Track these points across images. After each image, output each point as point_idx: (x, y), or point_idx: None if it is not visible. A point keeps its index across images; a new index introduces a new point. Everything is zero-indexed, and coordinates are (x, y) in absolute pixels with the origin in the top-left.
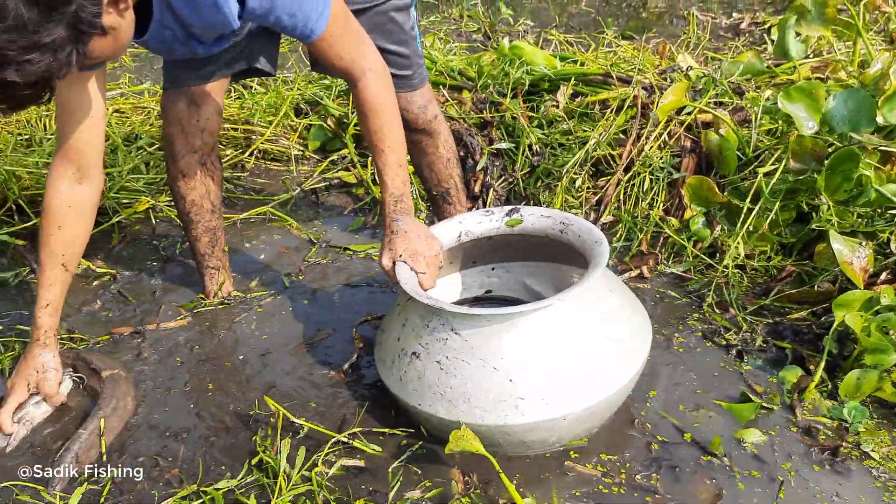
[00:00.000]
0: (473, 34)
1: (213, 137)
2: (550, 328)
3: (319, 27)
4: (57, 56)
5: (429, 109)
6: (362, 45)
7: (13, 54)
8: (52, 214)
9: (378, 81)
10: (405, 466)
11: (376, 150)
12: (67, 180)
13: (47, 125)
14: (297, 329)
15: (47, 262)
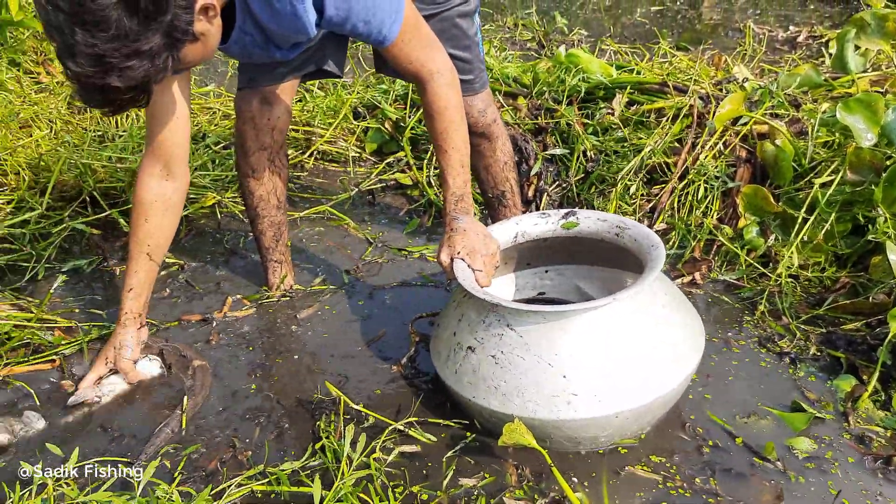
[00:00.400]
0: (527, 43)
1: (283, 136)
2: (606, 327)
3: (393, 33)
4: (154, 62)
5: (488, 113)
6: (432, 48)
7: (116, 61)
8: (139, 207)
9: (446, 84)
10: (459, 456)
11: (440, 150)
12: (155, 177)
13: (119, 122)
14: (356, 323)
15: (134, 251)
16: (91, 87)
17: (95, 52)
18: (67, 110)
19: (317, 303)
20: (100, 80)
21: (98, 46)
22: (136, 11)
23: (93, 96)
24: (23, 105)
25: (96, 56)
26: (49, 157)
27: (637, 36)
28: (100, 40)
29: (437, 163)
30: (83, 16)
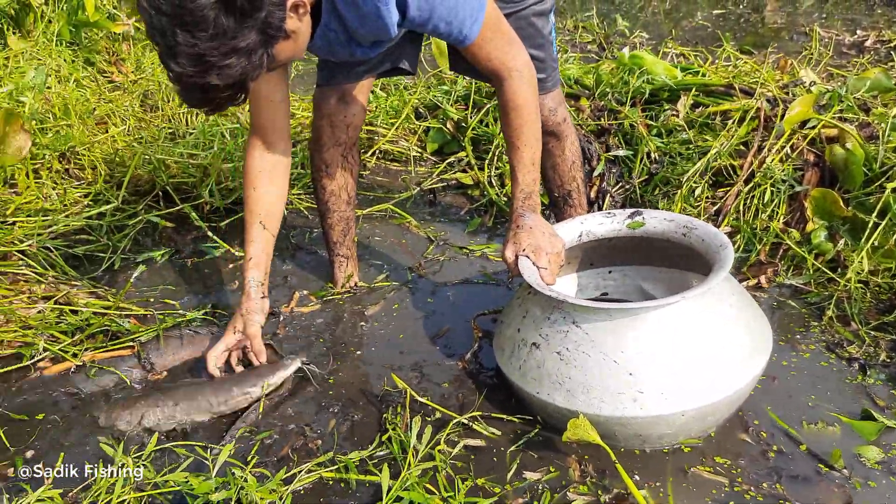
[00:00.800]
0: (588, 45)
1: (357, 132)
2: (674, 326)
3: (473, 33)
4: (251, 59)
5: (558, 112)
6: (512, 46)
7: (215, 59)
8: (247, 178)
9: (523, 82)
10: (522, 451)
11: (513, 146)
12: (258, 149)
13: (189, 121)
14: (420, 320)
15: (248, 221)
16: (192, 86)
17: (196, 52)
18: (140, 108)
19: (382, 299)
20: (200, 79)
21: (198, 46)
22: (232, 10)
23: (194, 95)
24: (98, 102)
25: (197, 55)
26: (124, 152)
27: (698, 39)
28: (200, 40)
29: (508, 159)
30: (184, 17)
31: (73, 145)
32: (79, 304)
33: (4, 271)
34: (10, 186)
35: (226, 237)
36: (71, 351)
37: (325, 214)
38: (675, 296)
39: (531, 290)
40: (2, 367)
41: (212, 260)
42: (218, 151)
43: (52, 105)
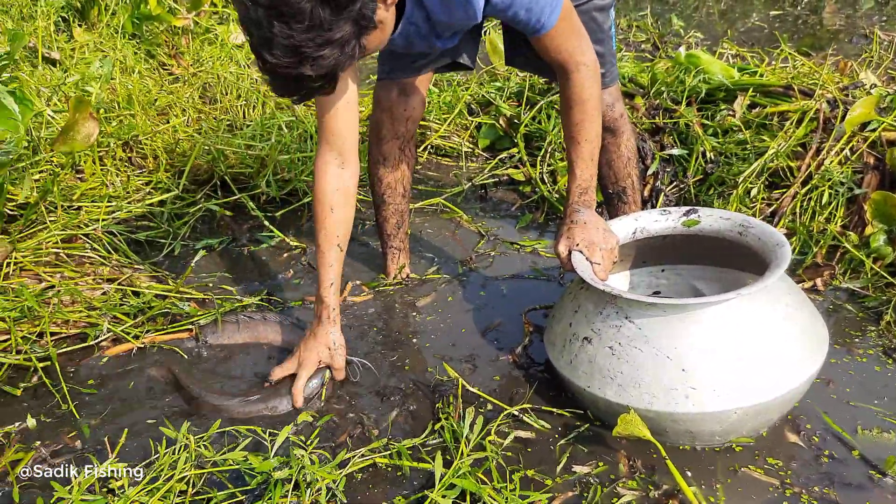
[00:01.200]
0: (642, 44)
1: (415, 126)
2: (728, 323)
3: (551, 22)
4: (344, 50)
5: (616, 108)
6: (581, 40)
7: (310, 51)
8: (324, 198)
9: (589, 76)
10: (572, 444)
11: (573, 141)
12: (333, 166)
13: (246, 113)
14: (470, 313)
15: (325, 244)
16: (285, 77)
17: (292, 44)
18: (200, 100)
19: (433, 292)
20: (294, 69)
21: (294, 37)
22: (329, 2)
23: (285, 85)
24: (160, 94)
25: (292, 47)
26: (185, 142)
27: (754, 40)
28: (296, 31)
29: (566, 153)
30: (281, 8)
31: (137, 134)
32: (141, 287)
33: (71, 254)
34: (76, 172)
35: (281, 227)
36: (133, 332)
37: (380, 207)
38: (730, 293)
39: (584, 285)
40: (68, 346)
41: (267, 248)
42: (275, 143)
43: (116, 95)
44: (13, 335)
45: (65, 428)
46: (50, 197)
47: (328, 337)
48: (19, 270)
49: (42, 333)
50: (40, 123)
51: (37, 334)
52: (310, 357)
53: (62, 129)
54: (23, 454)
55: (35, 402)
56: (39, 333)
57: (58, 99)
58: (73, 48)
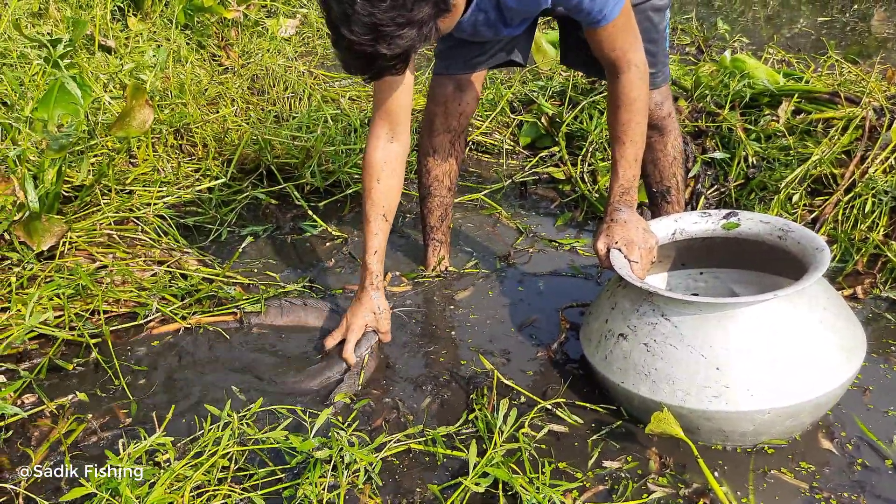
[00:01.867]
0: (686, 47)
1: (467, 121)
2: (764, 323)
3: (613, 14)
4: (422, 30)
5: (664, 106)
6: (636, 39)
7: (390, 30)
8: (371, 169)
9: (639, 77)
10: (604, 440)
11: (618, 141)
12: (383, 139)
13: (293, 105)
14: (507, 308)
15: (371, 213)
16: (359, 54)
17: (372, 22)
18: (248, 91)
19: (471, 286)
20: (370, 47)
21: (376, 15)
22: None
23: (357, 63)
24: (210, 84)
25: (372, 25)
26: (233, 132)
27: (800, 46)
28: (378, 9)
29: (610, 152)
30: None
31: (188, 122)
32: (189, 270)
33: (124, 235)
34: (130, 158)
35: (324, 216)
36: (180, 313)
37: (426, 198)
38: (766, 294)
39: (621, 283)
40: (118, 324)
41: (310, 237)
42: (320, 135)
43: (169, 84)
44: (67, 312)
45: (115, 402)
46: (104, 180)
47: (373, 302)
48: (74, 250)
49: (94, 311)
50: (97, 109)
51: (89, 312)
52: (356, 322)
53: (119, 115)
54: (76, 425)
55: (87, 377)
56: (92, 311)
57: (114, 86)
58: (127, 37)
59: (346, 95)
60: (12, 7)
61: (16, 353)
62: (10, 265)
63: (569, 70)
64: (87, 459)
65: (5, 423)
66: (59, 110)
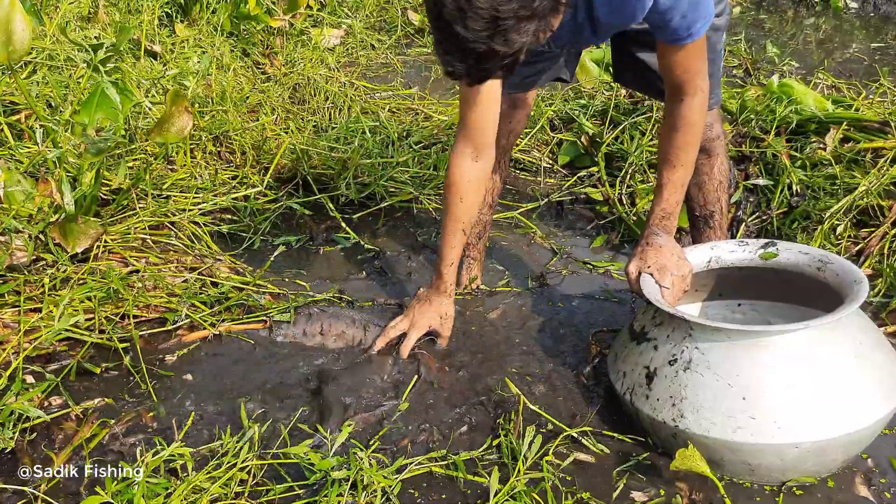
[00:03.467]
0: (733, 69)
1: (515, 140)
2: (795, 354)
3: (699, 33)
4: (540, 24)
5: (714, 128)
6: (706, 64)
7: (510, 24)
8: (455, 188)
9: (702, 103)
10: (630, 472)
11: (669, 164)
12: (468, 157)
13: (332, 116)
14: (538, 330)
15: (451, 228)
16: (469, 52)
17: (492, 14)
18: (289, 100)
19: (502, 304)
20: (484, 44)
21: (496, 8)
22: None
23: (465, 64)
24: (252, 91)
25: (492, 18)
26: (272, 141)
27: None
28: (498, 2)
29: (657, 174)
30: None
31: (227, 130)
32: (220, 277)
33: (157, 240)
34: (168, 163)
35: (357, 229)
36: (209, 321)
37: None
38: (798, 323)
39: (649, 308)
40: (147, 329)
41: (342, 249)
42: (357, 147)
43: (211, 91)
44: (97, 315)
45: (139, 408)
46: (141, 185)
47: (442, 307)
48: (107, 253)
49: (124, 315)
50: (138, 114)
51: (119, 316)
52: (422, 320)
53: (158, 121)
54: (99, 429)
55: (114, 382)
56: (122, 315)
57: (156, 91)
58: (173, 43)
59: (385, 107)
60: (63, 10)
61: (45, 354)
62: (44, 266)
63: (611, 89)
64: (110, 464)
65: (31, 425)
66: (100, 114)
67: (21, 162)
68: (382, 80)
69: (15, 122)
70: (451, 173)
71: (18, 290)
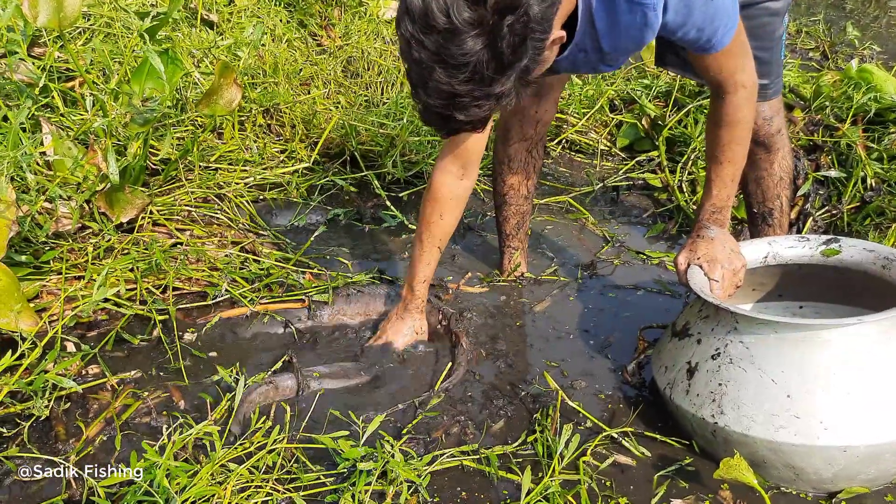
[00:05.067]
0: (810, 52)
1: (545, 129)
2: (847, 350)
3: (723, 43)
4: (500, 101)
5: (774, 122)
6: (746, 59)
7: (466, 101)
8: (436, 204)
9: (746, 98)
10: (672, 477)
11: (716, 160)
12: (452, 175)
13: (385, 91)
14: (584, 321)
15: (427, 244)
16: (434, 115)
17: (449, 91)
18: (342, 73)
19: (548, 295)
20: (445, 112)
21: (453, 86)
22: (497, 59)
23: (433, 121)
24: (305, 64)
25: (449, 94)
26: (322, 115)
27: None
28: (455, 80)
29: (706, 168)
30: (446, 59)
31: (278, 103)
32: (262, 254)
33: (203, 213)
34: (218, 135)
35: (404, 208)
36: (249, 297)
37: (501, 207)
38: (851, 318)
39: (696, 302)
40: (186, 303)
41: (387, 228)
42: (406, 124)
43: (264, 62)
44: (139, 286)
45: (172, 383)
46: (189, 157)
47: (416, 323)
48: (152, 224)
49: (165, 288)
50: (191, 84)
51: (161, 288)
52: (398, 339)
53: (206, 93)
54: (132, 400)
55: (150, 354)
56: (163, 288)
57: (209, 61)
58: (231, 12)
59: None
60: None
61: (87, 321)
62: (90, 234)
63: None
64: (139, 437)
65: (65, 393)
66: (149, 84)
67: (71, 129)
68: None
69: (67, 90)
70: (434, 189)
71: (64, 258)
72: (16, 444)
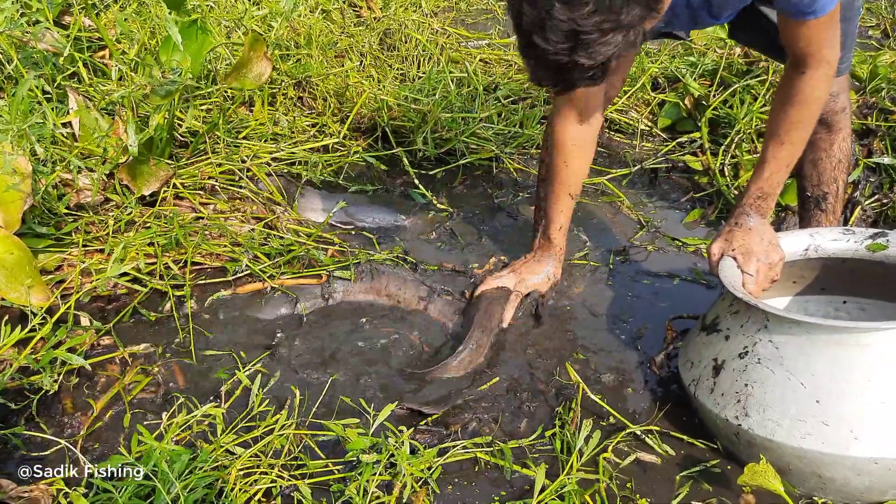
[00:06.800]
0: (869, 30)
1: (608, 104)
2: (881, 355)
3: (826, 8)
4: (627, 36)
5: (840, 99)
6: (836, 34)
7: (592, 38)
8: (560, 151)
9: (826, 77)
10: (695, 478)
11: (777, 139)
12: (573, 121)
13: (421, 64)
14: (612, 309)
15: (559, 191)
16: (551, 64)
17: (572, 28)
18: (378, 46)
19: (579, 280)
20: (565, 57)
21: (576, 21)
22: None
23: (549, 74)
24: (341, 36)
25: (572, 32)
26: (354, 89)
27: None
28: (579, 14)
29: (762, 149)
30: None
31: (310, 75)
32: (284, 230)
33: (226, 187)
34: (248, 106)
35: (433, 187)
36: (269, 272)
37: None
38: (889, 321)
39: (727, 295)
40: (205, 279)
41: (413, 206)
42: (439, 99)
43: (297, 34)
44: (159, 262)
45: (183, 360)
46: (216, 130)
47: (552, 268)
48: (174, 197)
49: (185, 262)
50: (228, 54)
51: (181, 264)
52: (531, 278)
53: (235, 65)
54: (141, 376)
55: (162, 330)
56: (184, 263)
57: (242, 32)
58: None
59: (477, 58)
60: None
61: (107, 295)
62: (113, 207)
63: (725, 47)
64: (146, 413)
65: (75, 367)
66: (177, 55)
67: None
68: (481, 28)
69: (93, 61)
70: (555, 134)
71: (83, 230)
72: (24, 417)
